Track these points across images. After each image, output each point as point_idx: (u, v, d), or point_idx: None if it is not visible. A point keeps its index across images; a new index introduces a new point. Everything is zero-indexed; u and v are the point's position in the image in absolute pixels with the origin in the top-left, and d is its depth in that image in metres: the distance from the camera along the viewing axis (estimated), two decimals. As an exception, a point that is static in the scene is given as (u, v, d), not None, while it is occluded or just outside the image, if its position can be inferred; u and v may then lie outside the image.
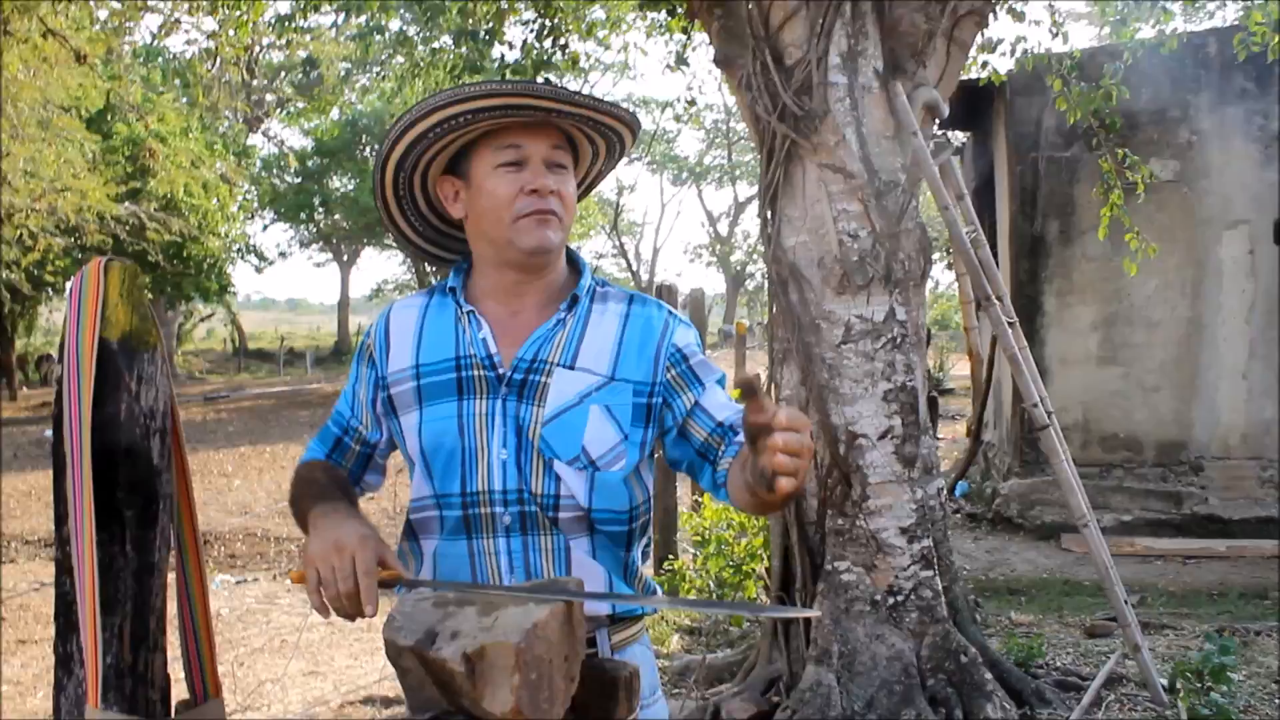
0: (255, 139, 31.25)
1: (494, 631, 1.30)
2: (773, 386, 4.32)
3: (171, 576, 1.66)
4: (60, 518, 1.56)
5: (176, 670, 1.64)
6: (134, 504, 1.57)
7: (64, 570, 1.56)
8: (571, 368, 1.77)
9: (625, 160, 2.00)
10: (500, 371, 1.76)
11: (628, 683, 1.52)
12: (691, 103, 8.36)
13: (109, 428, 1.55)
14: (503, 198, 1.75)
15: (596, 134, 1.86)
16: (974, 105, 9.47)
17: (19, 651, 5.77)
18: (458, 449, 1.76)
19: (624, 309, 1.85)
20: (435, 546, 1.80)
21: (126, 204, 14.95)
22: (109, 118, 17.99)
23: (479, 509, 1.75)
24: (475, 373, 1.77)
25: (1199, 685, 3.96)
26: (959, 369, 20.95)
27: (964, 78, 5.02)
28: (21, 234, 13.53)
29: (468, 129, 1.75)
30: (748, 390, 1.38)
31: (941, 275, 27.76)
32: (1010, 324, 4.42)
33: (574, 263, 1.90)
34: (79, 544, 1.50)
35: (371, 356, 1.86)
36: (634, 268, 45.75)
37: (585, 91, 1.84)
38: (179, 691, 1.66)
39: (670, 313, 1.87)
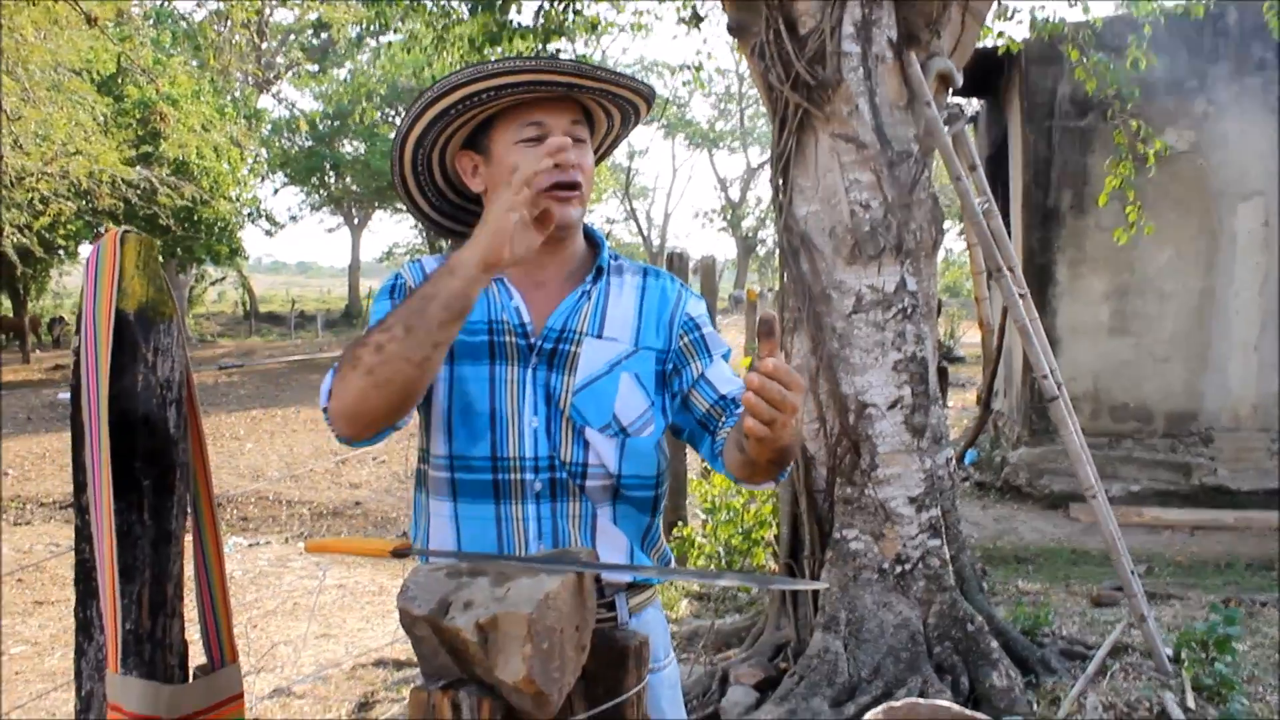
0: (265, 101, 31.22)
1: (506, 602, 1.32)
2: (783, 355, 4.32)
3: (188, 542, 1.68)
4: (79, 486, 1.59)
5: (192, 635, 1.66)
6: (151, 473, 1.59)
7: (83, 538, 1.58)
8: (600, 337, 1.81)
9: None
10: (531, 340, 1.79)
11: (637, 652, 1.54)
12: (698, 68, 8.31)
13: (126, 398, 1.57)
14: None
15: (614, 106, 1.88)
16: (988, 72, 9.40)
17: (36, 613, 5.84)
18: (487, 413, 1.78)
19: (640, 281, 1.90)
20: (454, 509, 1.82)
21: (138, 168, 14.94)
22: (119, 81, 17.95)
23: (509, 475, 1.78)
24: (507, 339, 1.79)
25: (1203, 655, 3.99)
26: (970, 336, 20.94)
27: (979, 44, 4.98)
28: (33, 198, 13.54)
29: (489, 105, 1.77)
30: (766, 330, 1.44)
31: (954, 243, 27.68)
32: (1021, 295, 4.42)
33: (590, 237, 1.93)
34: (98, 512, 1.52)
35: None
36: (645, 232, 45.68)
37: (598, 57, 1.85)
38: (195, 656, 1.68)
39: (682, 285, 1.93)
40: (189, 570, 1.68)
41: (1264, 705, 3.88)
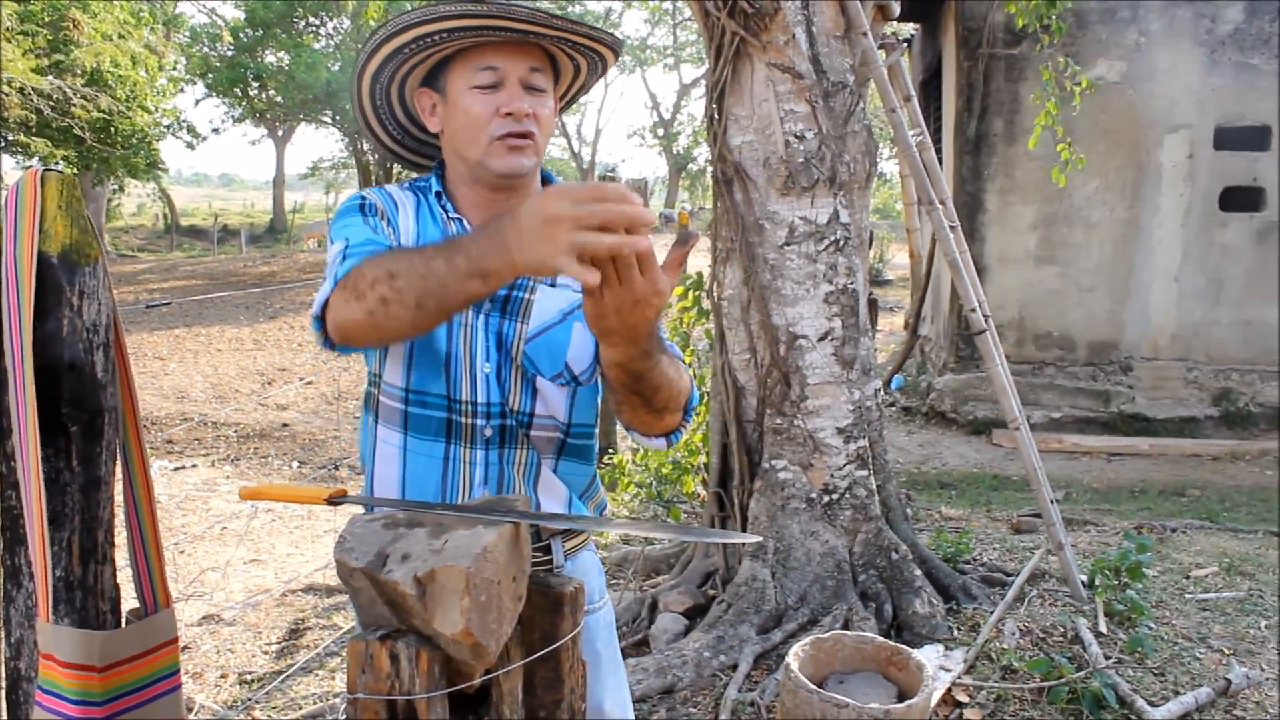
0: (184, 7, 30.15)
1: (444, 555, 1.32)
2: (715, 285, 4.34)
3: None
4: (4, 432, 1.55)
5: (123, 581, 1.65)
6: (79, 419, 1.56)
7: (9, 485, 1.55)
8: (553, 285, 1.80)
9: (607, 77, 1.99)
10: None
11: (573, 598, 1.56)
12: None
13: (51, 343, 1.53)
14: (478, 119, 1.74)
15: (576, 53, 1.85)
16: (924, -2, 9.39)
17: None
18: (444, 354, 1.77)
19: None
20: (403, 440, 1.81)
21: (49, 77, 14.40)
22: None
23: (462, 418, 1.77)
24: None
25: (1116, 581, 4.13)
26: (899, 259, 21.16)
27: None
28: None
29: (443, 46, 1.74)
30: (681, 240, 1.37)
31: (886, 166, 27.80)
32: (952, 228, 4.46)
33: (547, 183, 1.90)
34: (24, 459, 1.49)
35: (385, 215, 1.80)
36: (575, 149, 45.24)
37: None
38: (127, 601, 1.67)
39: None
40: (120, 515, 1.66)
41: (1170, 628, 4.04)
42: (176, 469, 7.46)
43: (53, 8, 17.52)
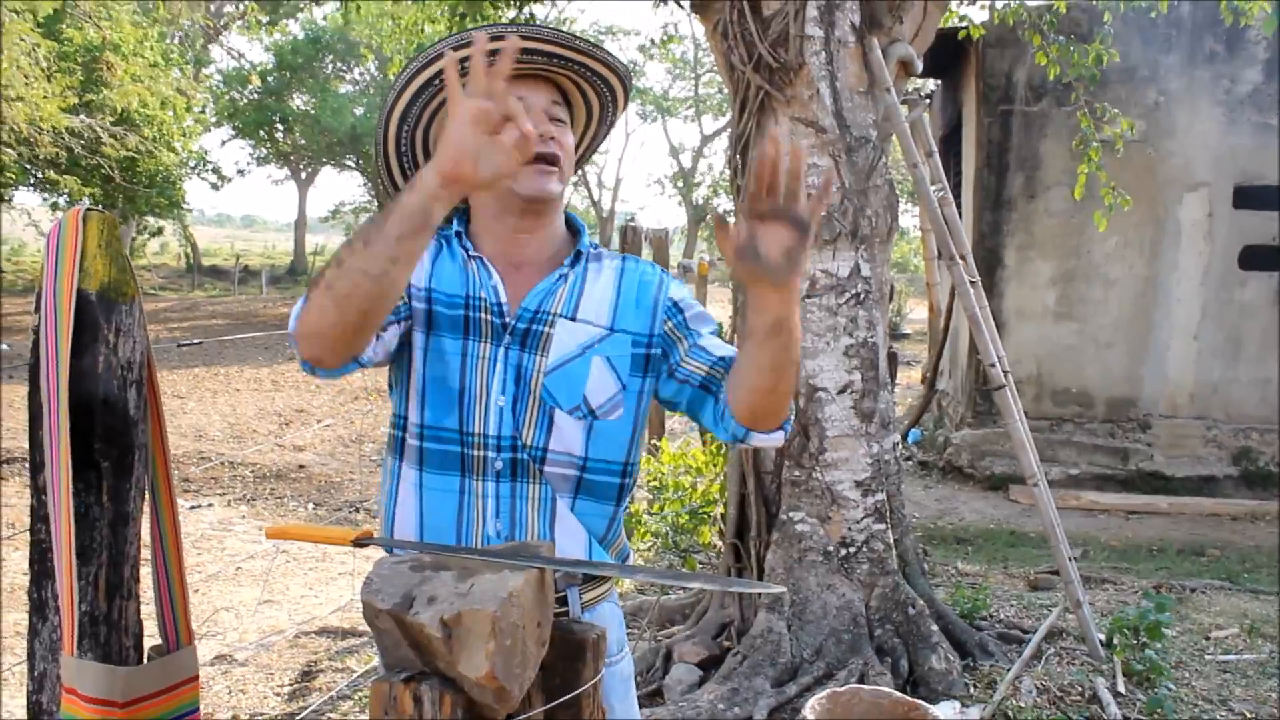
0: (214, 51, 30.59)
1: (470, 598, 1.33)
2: (735, 337, 4.35)
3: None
4: (36, 466, 1.57)
5: (145, 617, 1.66)
6: (110, 454, 1.58)
7: (39, 518, 1.57)
8: (573, 319, 1.82)
9: (619, 122, 2.04)
10: (506, 319, 1.80)
11: (595, 645, 1.56)
12: (666, 41, 8.28)
13: (86, 378, 1.56)
14: None
15: (590, 89, 1.90)
16: (946, 53, 9.45)
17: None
18: (458, 387, 1.79)
19: (619, 266, 1.92)
20: (419, 477, 1.82)
21: (81, 116, 14.61)
22: (62, 24, 17.47)
23: (474, 450, 1.79)
24: (482, 316, 1.80)
25: (1134, 641, 4.09)
26: (916, 313, 21.16)
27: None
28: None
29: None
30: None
31: (905, 220, 27.88)
32: (972, 283, 4.47)
33: (571, 223, 1.95)
34: (55, 493, 1.51)
35: None
36: (595, 197, 45.52)
37: (555, 22, 1.88)
38: (150, 637, 1.68)
39: (663, 271, 1.94)
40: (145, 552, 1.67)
41: (1190, 690, 3.99)
42: (192, 508, 7.47)
43: (86, 50, 17.78)
